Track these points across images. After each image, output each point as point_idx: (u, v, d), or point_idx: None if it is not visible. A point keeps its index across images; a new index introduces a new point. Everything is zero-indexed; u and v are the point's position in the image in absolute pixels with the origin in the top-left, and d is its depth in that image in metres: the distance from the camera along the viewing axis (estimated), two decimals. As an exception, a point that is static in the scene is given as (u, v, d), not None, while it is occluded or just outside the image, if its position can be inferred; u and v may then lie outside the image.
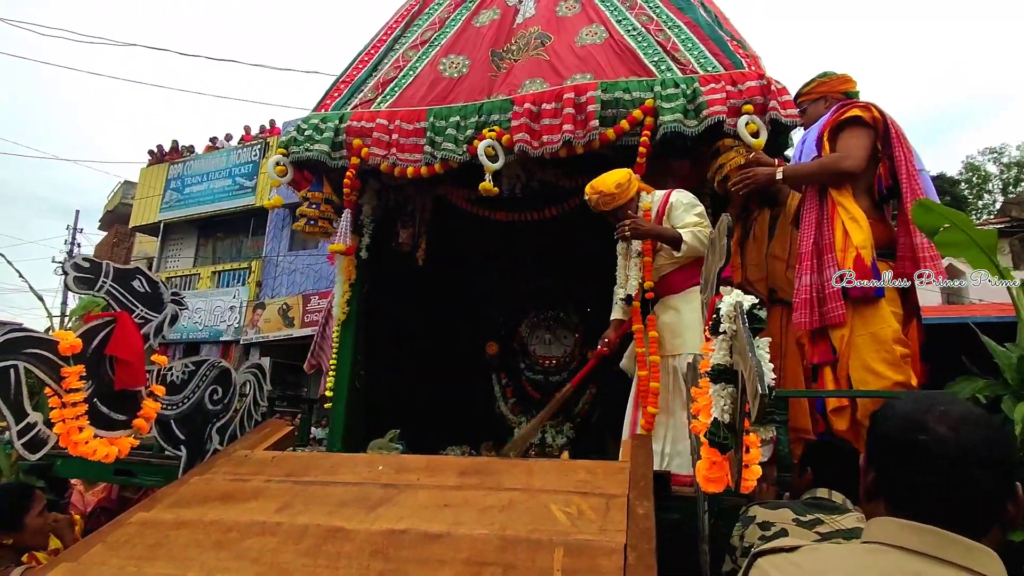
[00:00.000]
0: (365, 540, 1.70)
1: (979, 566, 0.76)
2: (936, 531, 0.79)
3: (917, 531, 0.80)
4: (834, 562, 0.84)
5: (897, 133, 2.33)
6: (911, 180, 2.22)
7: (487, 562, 1.59)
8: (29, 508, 1.85)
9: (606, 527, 1.72)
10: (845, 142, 2.36)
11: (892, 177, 2.31)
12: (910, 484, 0.83)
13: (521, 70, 3.55)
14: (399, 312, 4.27)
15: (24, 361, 1.85)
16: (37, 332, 1.92)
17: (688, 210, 2.86)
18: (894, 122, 2.37)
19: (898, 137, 2.32)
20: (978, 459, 0.80)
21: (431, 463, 2.24)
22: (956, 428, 0.82)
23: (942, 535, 0.78)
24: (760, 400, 1.06)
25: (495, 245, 4.69)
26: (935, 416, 0.84)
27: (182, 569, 1.65)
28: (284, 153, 3.60)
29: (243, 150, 13.98)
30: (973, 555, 0.77)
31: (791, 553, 0.86)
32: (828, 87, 2.64)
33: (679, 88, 3.10)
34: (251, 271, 13.04)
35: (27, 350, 1.86)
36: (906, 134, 2.38)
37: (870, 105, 2.40)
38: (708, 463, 1.44)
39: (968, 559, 0.76)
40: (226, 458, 2.37)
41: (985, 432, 0.83)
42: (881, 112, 2.37)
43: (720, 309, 1.40)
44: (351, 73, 3.94)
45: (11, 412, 1.83)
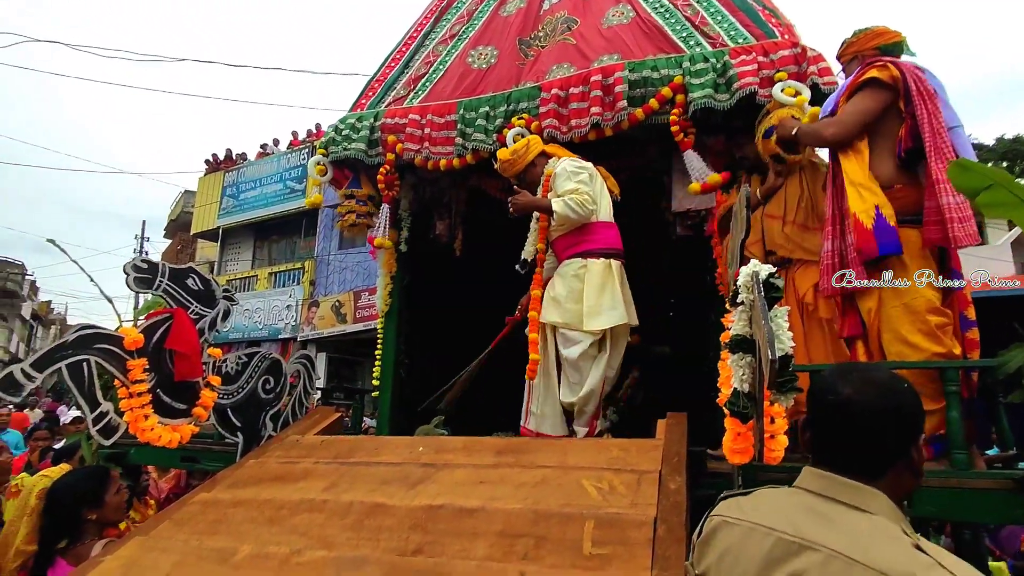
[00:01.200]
0: (405, 515, 1.79)
1: (862, 504, 0.92)
2: (830, 476, 0.96)
3: (818, 476, 0.98)
4: (763, 501, 1.02)
5: (920, 90, 2.17)
6: (935, 139, 2.09)
7: (519, 534, 1.65)
8: (109, 487, 2.03)
9: (637, 501, 1.75)
10: (847, 107, 2.30)
11: (914, 139, 2.18)
12: (820, 437, 1.02)
13: (548, 56, 3.56)
14: (440, 302, 4.37)
15: (94, 355, 2.03)
16: (105, 328, 2.10)
17: (569, 178, 2.90)
18: (918, 77, 2.21)
19: (920, 94, 2.17)
20: (871, 414, 0.96)
21: (469, 444, 2.32)
22: (858, 389, 0.98)
23: (834, 479, 0.96)
24: (772, 366, 1.07)
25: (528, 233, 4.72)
26: (844, 380, 1.01)
27: (239, 542, 1.78)
28: (324, 153, 3.74)
29: (292, 155, 14.48)
30: (860, 495, 0.93)
31: (743, 496, 1.05)
32: (858, 45, 2.47)
33: (708, 63, 3.04)
34: (304, 271, 13.54)
35: (96, 345, 2.04)
36: (939, 89, 2.23)
37: (888, 63, 2.28)
38: (732, 434, 1.45)
39: (855, 498, 0.93)
40: (279, 443, 2.52)
41: (881, 392, 0.97)
42: (901, 69, 2.24)
43: (738, 280, 1.39)
44: (384, 72, 4.05)
45: (86, 401, 2.01)
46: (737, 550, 0.97)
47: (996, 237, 9.86)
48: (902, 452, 0.96)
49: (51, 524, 1.85)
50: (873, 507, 0.92)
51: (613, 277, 2.87)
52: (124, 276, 2.18)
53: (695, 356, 3.76)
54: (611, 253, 2.93)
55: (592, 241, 2.91)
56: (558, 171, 2.97)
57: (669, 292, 4.76)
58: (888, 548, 0.86)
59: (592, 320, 2.77)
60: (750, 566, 0.93)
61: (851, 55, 2.48)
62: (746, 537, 0.97)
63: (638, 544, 1.55)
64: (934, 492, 1.82)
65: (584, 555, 1.54)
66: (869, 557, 0.84)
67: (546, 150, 3.16)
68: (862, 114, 2.28)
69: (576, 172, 2.92)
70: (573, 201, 2.80)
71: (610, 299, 2.82)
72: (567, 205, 2.80)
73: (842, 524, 0.91)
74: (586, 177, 2.91)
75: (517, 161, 3.09)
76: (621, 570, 1.45)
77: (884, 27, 2.43)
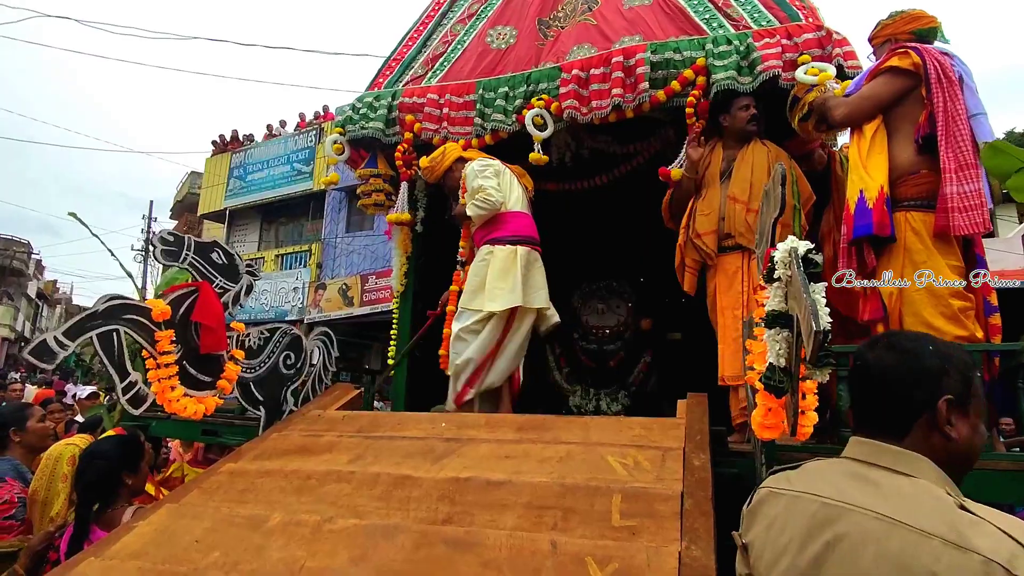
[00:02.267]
0: (432, 486, 1.82)
1: (905, 467, 0.95)
2: (872, 442, 1.00)
3: (860, 443, 1.02)
4: (809, 471, 1.05)
5: (940, 77, 2.18)
6: (949, 126, 2.11)
7: (547, 506, 1.67)
8: (143, 455, 2.07)
9: (663, 476, 1.77)
10: (860, 91, 2.34)
11: (933, 125, 2.18)
12: (855, 405, 1.07)
13: (568, 36, 3.54)
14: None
15: (124, 326, 2.05)
16: (134, 300, 2.12)
17: (475, 177, 3.10)
18: (941, 64, 2.20)
19: (940, 81, 2.17)
20: (887, 374, 1.01)
21: (490, 420, 2.34)
22: (878, 353, 1.03)
23: (876, 445, 0.99)
24: (815, 338, 1.08)
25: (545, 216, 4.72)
26: (872, 346, 1.06)
27: (270, 510, 1.81)
28: (341, 132, 3.73)
29: (299, 136, 14.44)
30: (902, 459, 0.96)
31: (791, 469, 1.07)
32: (894, 28, 2.46)
33: (732, 45, 3.02)
34: (311, 253, 13.56)
35: (126, 316, 2.06)
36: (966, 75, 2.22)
37: (910, 50, 2.27)
38: (764, 410, 1.46)
39: (897, 463, 0.96)
40: (301, 417, 2.55)
41: (899, 353, 1.02)
42: (923, 56, 2.23)
43: (774, 257, 1.40)
44: (401, 51, 4.03)
45: (116, 371, 2.04)
46: (784, 518, 0.99)
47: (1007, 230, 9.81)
48: (921, 409, 0.98)
49: (91, 487, 1.88)
50: (916, 470, 0.94)
51: (516, 262, 3.00)
52: (152, 248, 2.19)
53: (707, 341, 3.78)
54: (518, 240, 3.08)
55: (500, 230, 3.09)
56: (467, 172, 3.18)
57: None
58: (931, 508, 0.86)
59: (491, 302, 2.94)
60: (796, 532, 0.95)
61: (885, 37, 2.47)
62: (792, 505, 0.99)
63: (666, 517, 1.57)
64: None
65: (613, 526, 1.56)
66: (912, 517, 0.85)
67: (464, 155, 3.32)
68: (871, 99, 2.32)
69: (481, 170, 3.11)
70: (479, 199, 3.04)
71: (511, 283, 2.96)
72: (474, 206, 3.05)
73: (885, 487, 0.93)
74: (490, 173, 3.10)
75: (435, 168, 3.32)
76: (652, 541, 1.48)
77: (921, 11, 2.42)
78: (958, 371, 1.00)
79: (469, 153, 3.33)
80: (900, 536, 0.85)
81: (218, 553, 1.63)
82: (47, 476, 2.26)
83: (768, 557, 0.99)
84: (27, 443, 2.48)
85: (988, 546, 0.79)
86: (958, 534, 0.81)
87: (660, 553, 1.42)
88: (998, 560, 0.78)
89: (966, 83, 2.22)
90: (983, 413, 1.02)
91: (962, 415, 0.98)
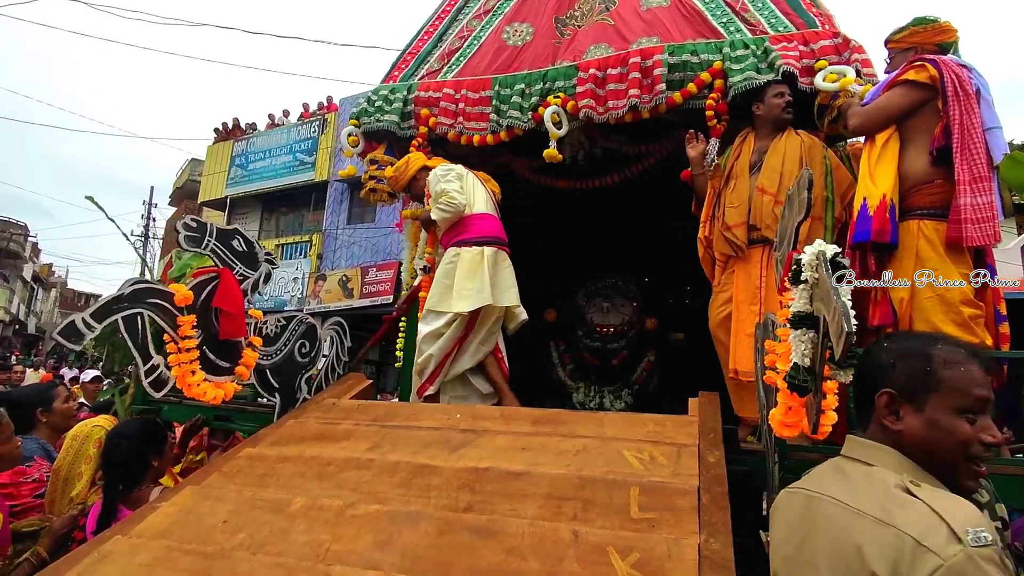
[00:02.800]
0: (452, 475, 1.85)
1: (868, 457, 1.05)
2: (851, 437, 1.11)
3: (847, 439, 1.12)
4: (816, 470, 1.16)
5: (957, 90, 2.21)
6: (964, 138, 2.15)
7: (567, 497, 1.71)
8: (167, 438, 2.10)
9: (679, 472, 1.81)
10: (876, 101, 2.39)
11: (948, 136, 2.22)
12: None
13: (585, 36, 3.56)
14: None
15: (147, 309, 2.07)
16: (158, 284, 2.14)
17: (438, 182, 3.15)
18: (958, 76, 2.23)
19: (956, 94, 2.20)
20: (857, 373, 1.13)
21: (505, 413, 2.38)
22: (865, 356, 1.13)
23: (852, 439, 1.11)
24: (846, 339, 1.12)
25: (554, 213, 4.75)
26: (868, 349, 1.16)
27: (291, 495, 1.84)
28: (356, 124, 3.75)
29: (303, 127, 14.40)
30: (866, 450, 1.06)
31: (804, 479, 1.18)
32: (921, 37, 2.47)
33: (749, 49, 3.05)
34: (312, 244, 13.55)
35: (149, 299, 2.08)
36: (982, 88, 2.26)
37: (927, 63, 2.31)
38: (784, 408, 1.50)
39: (863, 454, 1.06)
40: (315, 405, 2.58)
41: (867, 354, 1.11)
42: (941, 68, 2.27)
43: (801, 259, 1.43)
44: (417, 44, 4.04)
45: (139, 354, 2.06)
46: (788, 513, 1.12)
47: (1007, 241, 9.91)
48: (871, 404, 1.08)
49: (118, 467, 1.90)
50: (876, 460, 1.03)
51: (483, 263, 3.07)
52: (176, 234, 2.21)
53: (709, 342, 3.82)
54: (484, 241, 3.15)
55: (466, 232, 3.16)
56: (430, 179, 3.23)
57: (687, 279, 4.80)
58: (872, 491, 0.96)
59: (459, 302, 3.01)
60: (795, 523, 1.08)
61: (909, 44, 2.49)
62: (794, 500, 1.12)
63: (684, 511, 1.61)
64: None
65: (632, 518, 1.60)
66: (855, 500, 0.97)
67: (427, 164, 3.40)
68: (884, 110, 2.37)
69: (443, 175, 3.17)
70: (442, 202, 3.10)
71: (478, 283, 3.02)
72: (438, 209, 3.13)
73: (851, 476, 1.04)
74: (452, 177, 3.17)
75: (400, 177, 3.44)
76: (671, 533, 1.51)
77: (948, 23, 2.45)
78: (910, 364, 1.05)
79: (432, 161, 3.44)
80: (844, 517, 0.96)
81: (243, 535, 1.66)
82: (72, 455, 2.29)
83: (775, 545, 1.12)
84: (53, 423, 2.51)
85: (906, 521, 0.87)
86: (885, 511, 0.90)
87: (680, 545, 1.46)
88: (911, 533, 0.85)
89: (983, 96, 2.26)
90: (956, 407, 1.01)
91: (914, 408, 1.03)
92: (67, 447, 2.27)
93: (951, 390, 1.01)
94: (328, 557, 1.55)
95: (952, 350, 1.04)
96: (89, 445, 2.17)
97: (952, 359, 1.03)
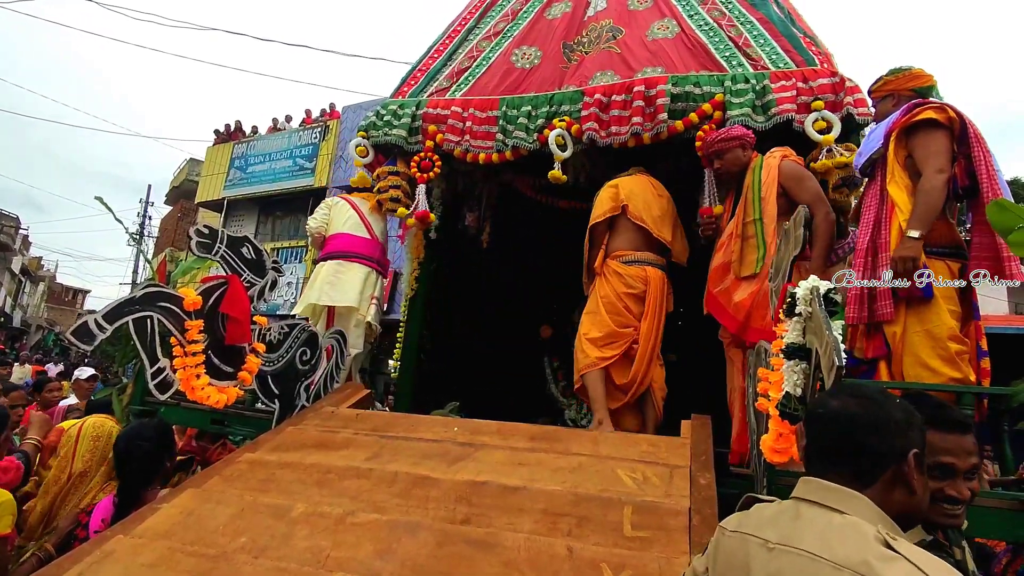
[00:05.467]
0: (450, 488, 1.89)
1: (840, 504, 0.95)
2: (816, 481, 1.01)
3: (807, 483, 1.02)
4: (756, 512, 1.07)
5: (975, 133, 2.31)
6: (991, 180, 2.22)
7: (562, 513, 1.76)
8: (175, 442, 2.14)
9: (671, 492, 1.86)
10: (924, 148, 2.32)
11: (968, 177, 2.31)
12: (811, 446, 1.07)
13: (592, 62, 3.66)
14: (463, 292, 4.47)
15: (157, 312, 2.11)
16: (167, 288, 2.18)
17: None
18: (971, 122, 2.35)
19: (976, 137, 2.30)
20: (853, 424, 1.02)
21: (502, 428, 2.42)
22: (843, 402, 1.05)
23: (818, 483, 1.00)
24: (837, 372, 1.18)
25: (553, 232, 4.83)
26: (835, 394, 1.09)
27: (292, 500, 1.88)
28: (364, 136, 3.82)
29: (304, 132, 14.47)
30: (838, 497, 0.96)
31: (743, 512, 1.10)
32: (896, 84, 2.57)
33: (749, 84, 3.16)
34: (308, 249, 13.54)
35: (160, 303, 2.12)
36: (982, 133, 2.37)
37: (945, 106, 2.38)
38: (775, 435, 1.56)
39: (833, 500, 0.96)
40: (314, 413, 2.61)
41: (865, 404, 1.03)
42: (957, 111, 2.37)
43: (795, 293, 1.51)
44: (427, 62, 4.13)
45: (147, 356, 2.09)
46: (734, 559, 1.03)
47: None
48: (888, 463, 0.99)
49: (136, 469, 1.94)
50: (850, 508, 0.95)
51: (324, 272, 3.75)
52: (188, 240, 2.26)
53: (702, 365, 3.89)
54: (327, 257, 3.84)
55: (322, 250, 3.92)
56: None
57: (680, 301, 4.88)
58: (850, 543, 0.88)
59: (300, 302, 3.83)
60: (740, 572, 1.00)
61: (887, 92, 2.60)
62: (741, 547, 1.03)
63: (676, 530, 1.66)
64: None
65: (626, 536, 1.65)
66: (831, 552, 0.88)
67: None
68: (948, 152, 2.31)
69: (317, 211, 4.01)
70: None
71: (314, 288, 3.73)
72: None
73: (818, 525, 0.95)
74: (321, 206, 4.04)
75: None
76: (663, 552, 1.57)
77: (920, 70, 2.57)
78: (919, 427, 1.03)
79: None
80: (819, 570, 0.88)
81: (245, 539, 1.70)
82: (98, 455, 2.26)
83: None
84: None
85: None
86: (868, 567, 0.84)
87: (671, 564, 1.51)
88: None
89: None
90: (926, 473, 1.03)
91: (921, 471, 1.00)
92: (89, 447, 2.27)
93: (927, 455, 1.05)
94: (329, 563, 1.59)
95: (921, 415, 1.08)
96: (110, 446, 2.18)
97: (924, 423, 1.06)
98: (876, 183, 2.47)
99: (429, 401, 3.78)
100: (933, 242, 2.30)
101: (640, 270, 3.18)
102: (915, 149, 2.36)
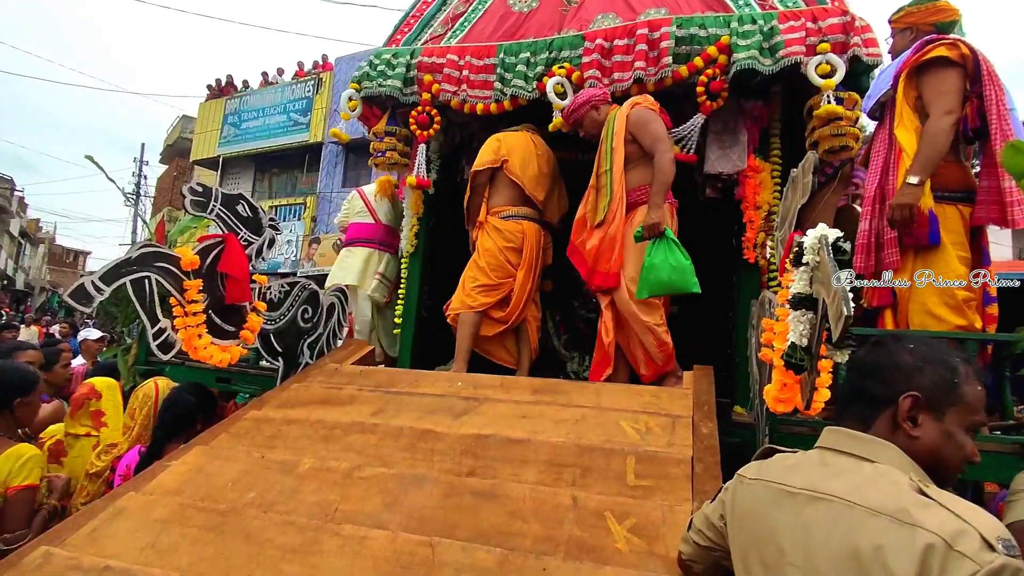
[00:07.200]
0: (455, 441, 1.92)
1: (869, 454, 0.97)
2: (842, 431, 1.03)
3: (832, 432, 1.05)
4: (778, 459, 1.08)
5: (989, 71, 2.19)
6: (1001, 121, 2.14)
7: (566, 464, 1.78)
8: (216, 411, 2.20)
9: (673, 442, 1.88)
10: (933, 88, 2.21)
11: (980, 118, 2.22)
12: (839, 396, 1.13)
13: (593, 4, 3.51)
14: (463, 246, 4.42)
15: (155, 273, 2.09)
16: (164, 248, 2.15)
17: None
18: (985, 59, 2.22)
19: (989, 75, 2.19)
20: (863, 368, 1.07)
21: (505, 382, 2.44)
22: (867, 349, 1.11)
23: (845, 433, 1.02)
24: (844, 321, 1.16)
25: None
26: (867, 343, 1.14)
27: (299, 456, 1.90)
28: (357, 88, 3.70)
29: (297, 86, 14.11)
30: (867, 446, 0.98)
31: (764, 460, 1.11)
32: (917, 16, 2.45)
33: (756, 24, 3.02)
34: (306, 206, 13.43)
35: (157, 263, 2.10)
36: (997, 72, 2.27)
37: (958, 41, 2.25)
38: (779, 385, 1.56)
39: (863, 449, 0.98)
40: (318, 370, 2.63)
41: (876, 350, 1.07)
42: (971, 48, 2.25)
43: (803, 243, 1.47)
44: (420, 7, 3.96)
45: (147, 316, 2.08)
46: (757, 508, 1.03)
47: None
48: (885, 404, 1.00)
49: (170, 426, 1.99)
50: (880, 457, 0.96)
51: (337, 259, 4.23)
52: (182, 199, 2.21)
53: (709, 316, 3.88)
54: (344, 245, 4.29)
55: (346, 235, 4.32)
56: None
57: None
58: (885, 490, 0.88)
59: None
60: (764, 521, 0.99)
61: (906, 24, 2.47)
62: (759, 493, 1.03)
63: (678, 479, 1.68)
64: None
65: (629, 485, 1.67)
66: (865, 499, 0.88)
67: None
68: (959, 91, 2.22)
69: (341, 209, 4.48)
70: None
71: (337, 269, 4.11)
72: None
73: (847, 473, 0.95)
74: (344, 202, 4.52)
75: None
76: (666, 500, 1.59)
77: (946, 3, 2.40)
78: (938, 373, 1.00)
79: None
80: (853, 517, 0.87)
81: (254, 494, 1.73)
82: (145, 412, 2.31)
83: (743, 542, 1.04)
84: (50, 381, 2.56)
85: (934, 523, 0.81)
86: (906, 512, 0.83)
87: (674, 511, 1.53)
88: (942, 535, 0.79)
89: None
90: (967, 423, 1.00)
91: (933, 417, 0.98)
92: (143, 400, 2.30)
93: (967, 407, 0.99)
94: (337, 516, 1.62)
95: (971, 367, 1.04)
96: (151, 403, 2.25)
97: (971, 376, 1.02)
98: (885, 127, 2.39)
99: (431, 357, 3.81)
100: (945, 186, 2.24)
101: (517, 224, 3.40)
102: (924, 89, 2.26)
